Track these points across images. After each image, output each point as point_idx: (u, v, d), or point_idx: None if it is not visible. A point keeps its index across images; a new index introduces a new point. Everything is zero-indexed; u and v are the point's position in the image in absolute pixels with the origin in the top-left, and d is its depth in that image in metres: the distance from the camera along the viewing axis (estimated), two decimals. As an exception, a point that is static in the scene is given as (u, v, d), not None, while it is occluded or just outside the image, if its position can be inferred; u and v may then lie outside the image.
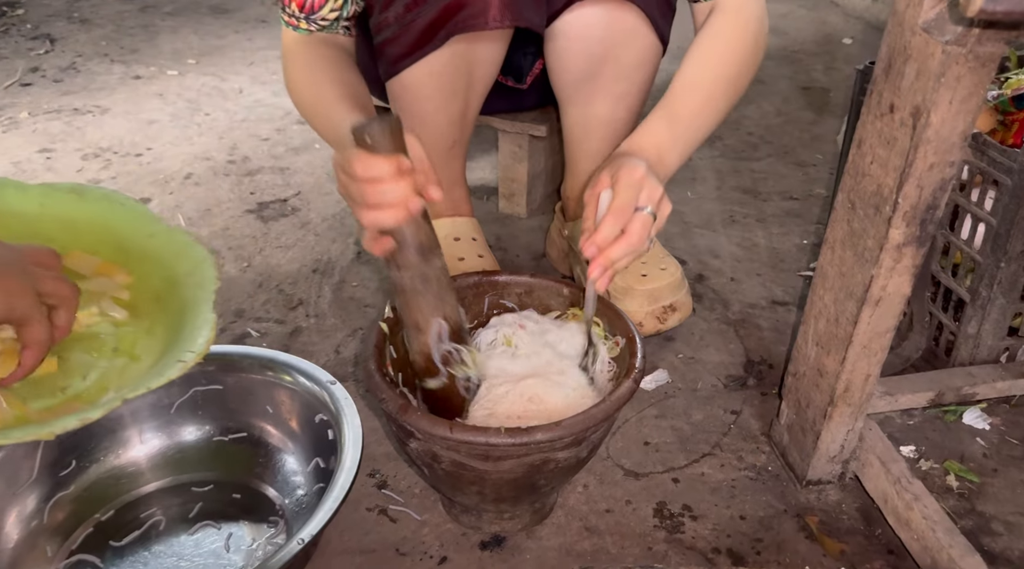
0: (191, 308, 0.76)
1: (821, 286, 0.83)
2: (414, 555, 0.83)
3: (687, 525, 0.87)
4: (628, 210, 0.76)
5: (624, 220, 0.76)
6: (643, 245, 0.78)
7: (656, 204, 0.78)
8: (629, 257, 0.77)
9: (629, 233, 0.76)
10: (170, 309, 0.78)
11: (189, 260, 0.80)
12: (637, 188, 0.77)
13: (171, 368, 0.68)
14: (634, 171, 0.78)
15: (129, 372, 0.74)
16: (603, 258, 0.76)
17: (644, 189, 0.77)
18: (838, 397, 0.83)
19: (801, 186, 1.58)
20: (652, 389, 1.06)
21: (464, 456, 0.73)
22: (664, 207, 0.80)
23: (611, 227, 0.76)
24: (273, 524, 0.85)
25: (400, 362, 0.84)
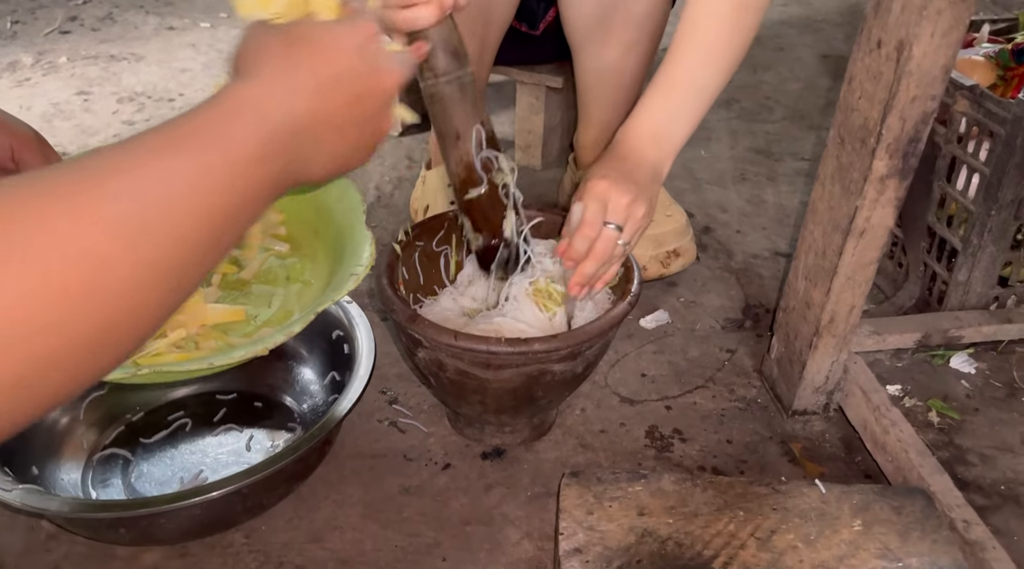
0: (347, 231, 0.83)
1: (811, 221, 0.87)
2: (420, 461, 0.89)
3: (676, 446, 0.93)
4: (595, 225, 0.77)
5: (592, 234, 0.78)
6: (612, 258, 0.79)
7: (622, 215, 0.78)
8: (605, 269, 0.80)
9: (594, 251, 0.78)
10: (327, 236, 0.86)
11: (335, 188, 0.86)
12: (601, 202, 0.78)
13: (347, 282, 0.75)
14: (596, 184, 0.78)
15: (305, 295, 0.83)
16: (579, 276, 0.79)
17: (610, 201, 0.78)
18: (823, 328, 0.88)
19: (813, 148, 1.61)
20: (652, 328, 1.11)
21: (467, 364, 0.79)
22: (634, 214, 0.79)
23: (580, 242, 0.78)
24: (291, 430, 0.92)
25: (412, 284, 0.90)
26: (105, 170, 0.37)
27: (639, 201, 0.79)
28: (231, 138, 0.42)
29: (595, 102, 1.20)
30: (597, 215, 0.77)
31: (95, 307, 0.34)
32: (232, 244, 0.43)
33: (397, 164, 1.49)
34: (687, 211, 1.36)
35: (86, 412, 0.90)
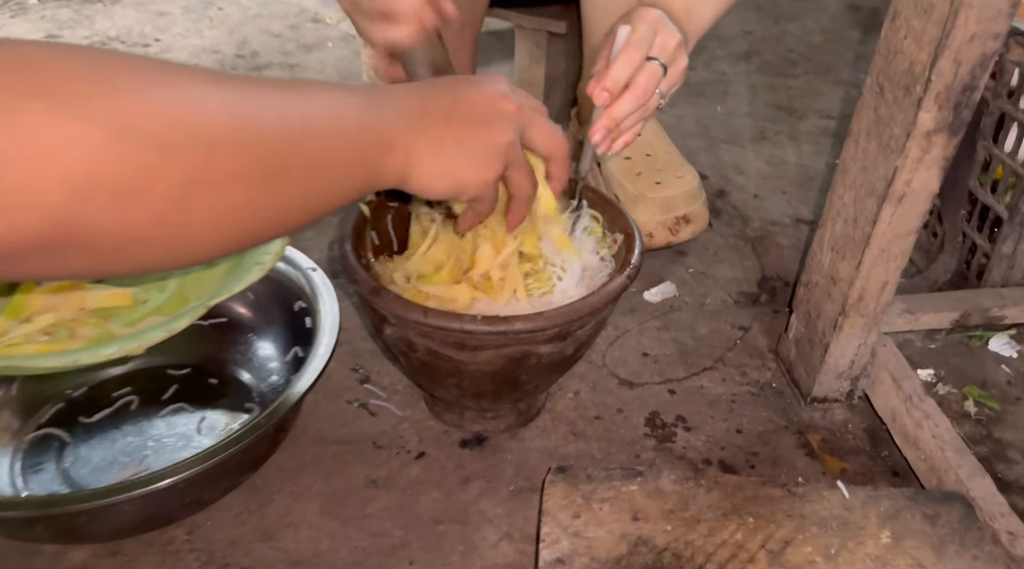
0: None
1: (841, 184, 0.76)
2: (391, 448, 0.80)
3: (679, 435, 0.82)
4: (642, 51, 0.69)
5: (637, 60, 0.69)
6: (650, 100, 0.71)
7: (669, 54, 0.71)
8: (636, 117, 0.71)
9: (635, 85, 0.69)
10: None
11: None
12: (653, 29, 0.70)
13: (250, 272, 0.66)
14: (649, 12, 0.71)
15: (206, 280, 0.72)
16: (608, 117, 0.70)
17: (659, 33, 0.70)
18: (850, 306, 0.77)
19: (840, 105, 1.48)
20: (657, 302, 1.00)
21: (439, 344, 0.68)
22: (678, 60, 0.72)
23: (623, 67, 0.69)
24: (248, 410, 0.82)
25: (382, 248, 0.80)
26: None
27: (683, 49, 0.72)
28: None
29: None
30: (646, 40, 0.69)
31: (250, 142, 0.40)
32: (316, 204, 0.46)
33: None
34: (700, 173, 1.24)
35: (20, 387, 0.81)
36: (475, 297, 0.72)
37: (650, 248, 1.05)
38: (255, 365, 0.86)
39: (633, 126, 0.73)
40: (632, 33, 0.70)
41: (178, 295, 0.71)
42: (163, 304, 0.70)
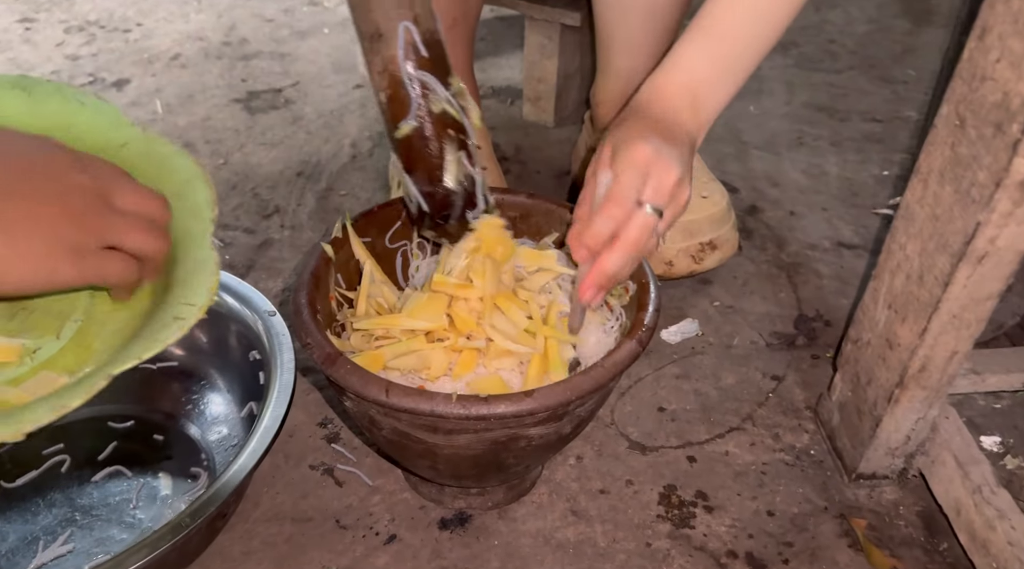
0: (183, 242, 0.56)
1: (903, 231, 0.62)
2: (357, 529, 0.68)
3: (699, 518, 0.70)
4: (626, 203, 0.57)
5: (620, 215, 0.57)
6: (644, 252, 0.59)
7: (665, 196, 0.58)
8: (630, 266, 0.59)
9: (623, 240, 0.57)
10: None
11: (175, 177, 0.59)
12: (640, 174, 0.57)
13: (167, 329, 0.50)
14: (637, 151, 0.58)
15: (113, 322, 0.56)
16: (597, 273, 0.58)
17: (651, 177, 0.57)
18: (910, 377, 0.63)
19: (887, 106, 1.33)
20: (677, 342, 0.87)
21: (407, 426, 0.56)
22: (678, 197, 0.59)
23: (604, 223, 0.58)
24: (195, 477, 0.70)
25: (351, 289, 0.67)
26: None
27: (684, 182, 0.60)
28: None
29: (618, 45, 0.94)
30: (632, 189, 0.57)
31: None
32: None
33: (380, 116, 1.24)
34: (729, 184, 1.11)
35: (-66, 444, 0.70)
36: (452, 361, 0.60)
37: (669, 277, 0.92)
38: (206, 419, 0.74)
39: (627, 273, 0.61)
40: (615, 183, 0.58)
41: (77, 343, 0.55)
42: (58, 355, 0.54)
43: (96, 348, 0.54)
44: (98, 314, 0.56)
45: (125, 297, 0.53)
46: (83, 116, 0.60)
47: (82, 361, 0.53)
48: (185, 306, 0.51)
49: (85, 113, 0.60)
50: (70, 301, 0.56)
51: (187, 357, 0.77)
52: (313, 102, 1.26)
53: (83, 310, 0.56)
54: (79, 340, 0.54)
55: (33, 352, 0.54)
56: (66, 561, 0.64)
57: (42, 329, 0.55)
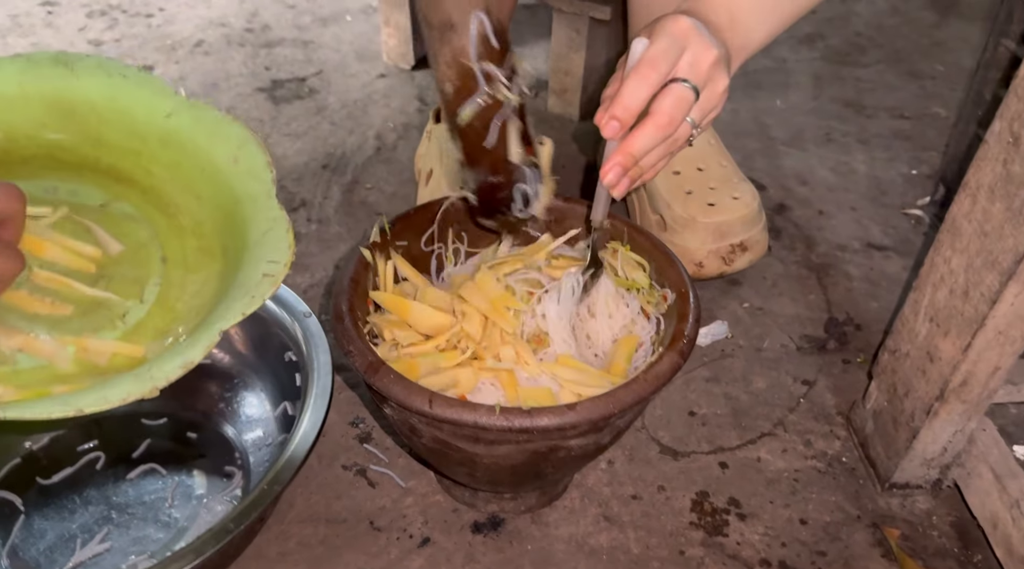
0: (248, 203, 0.58)
1: (949, 245, 0.61)
2: (391, 531, 0.68)
3: (732, 525, 0.70)
4: (662, 67, 0.53)
5: (655, 78, 0.53)
6: (676, 131, 0.55)
7: (703, 74, 0.54)
8: (660, 152, 0.55)
9: (656, 113, 0.53)
10: (215, 205, 0.61)
11: (228, 143, 0.60)
12: (679, 43, 0.53)
13: (260, 286, 0.52)
14: (677, 21, 0.54)
15: (191, 284, 0.58)
16: (622, 152, 0.54)
17: (688, 48, 0.54)
18: (951, 391, 0.63)
19: (915, 102, 1.32)
20: (707, 344, 0.87)
21: (448, 435, 0.56)
22: (716, 80, 0.55)
23: (636, 87, 0.52)
24: (229, 476, 0.71)
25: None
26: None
27: (722, 68, 0.55)
28: None
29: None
30: (669, 54, 0.53)
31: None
32: None
33: (406, 105, 1.24)
34: (758, 182, 1.10)
35: (-31, 439, 0.70)
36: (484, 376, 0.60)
37: (698, 278, 0.92)
38: (241, 419, 0.74)
39: (657, 163, 0.58)
40: (650, 47, 0.54)
41: (160, 306, 0.57)
42: (146, 318, 0.56)
43: (179, 310, 0.56)
44: (174, 277, 0.58)
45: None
46: (126, 88, 0.60)
47: (169, 322, 0.55)
48: (270, 263, 0.53)
49: (128, 85, 0.60)
50: (145, 266, 0.58)
51: (222, 356, 0.77)
52: (337, 91, 1.25)
53: (159, 274, 0.58)
54: (162, 303, 0.57)
55: (123, 316, 0.55)
56: (104, 560, 0.65)
57: (125, 294, 0.57)
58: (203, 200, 0.60)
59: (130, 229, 0.60)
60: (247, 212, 0.57)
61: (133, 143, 0.60)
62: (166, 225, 0.60)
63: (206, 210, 0.60)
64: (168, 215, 0.60)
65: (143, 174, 0.60)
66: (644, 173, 0.57)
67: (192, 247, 0.59)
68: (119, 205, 0.60)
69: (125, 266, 0.58)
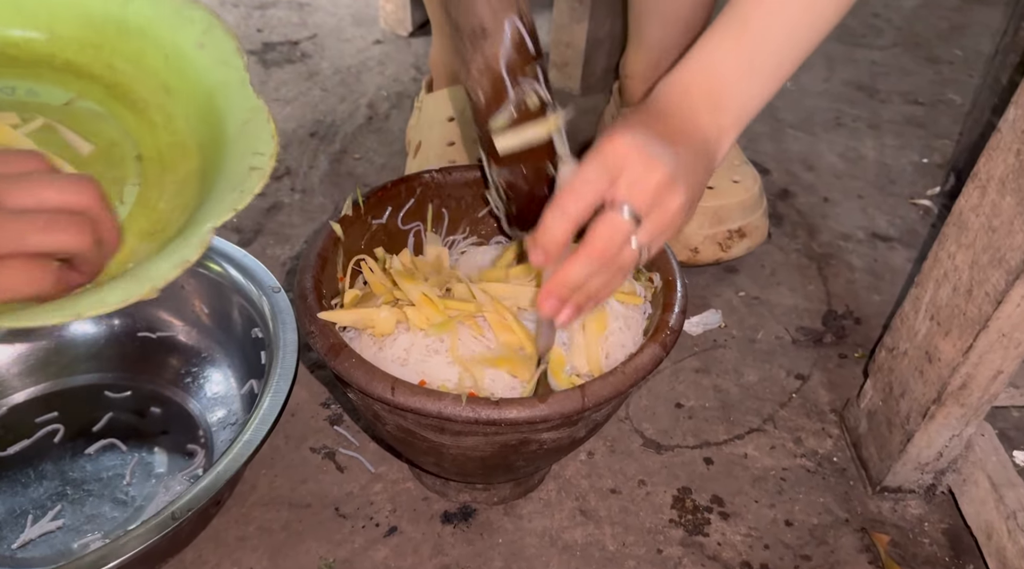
0: (220, 93, 0.54)
1: (954, 239, 0.58)
2: (357, 519, 0.65)
3: (714, 525, 0.67)
4: (585, 195, 0.48)
5: (575, 210, 0.48)
6: (619, 257, 0.49)
7: (646, 198, 0.48)
8: (604, 279, 0.50)
9: (587, 243, 0.48)
10: (186, 96, 0.56)
11: (192, 28, 0.55)
12: (610, 168, 0.48)
13: (249, 180, 0.48)
14: (611, 143, 0.48)
15: (170, 183, 0.54)
16: (556, 282, 0.49)
17: (626, 170, 0.47)
18: (949, 394, 0.59)
19: (930, 88, 1.27)
20: (698, 334, 0.83)
21: (412, 424, 0.53)
22: (665, 202, 0.48)
23: (554, 219, 0.48)
24: (191, 454, 0.68)
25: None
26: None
27: (675, 185, 0.48)
28: None
29: (652, 14, 0.88)
30: (594, 182, 0.48)
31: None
32: None
33: (401, 74, 1.19)
34: (761, 165, 1.06)
35: (-78, 409, 0.68)
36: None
37: (693, 264, 0.88)
38: (205, 395, 0.72)
39: (603, 288, 0.51)
40: (576, 173, 0.48)
41: (142, 206, 0.53)
42: (129, 219, 0.52)
43: (162, 209, 0.52)
44: (151, 176, 0.54)
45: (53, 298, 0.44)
46: None
47: (155, 222, 0.52)
48: (255, 155, 0.49)
49: None
50: (121, 166, 0.54)
51: (188, 329, 0.74)
52: (330, 57, 1.21)
53: (136, 174, 0.54)
54: (143, 203, 0.52)
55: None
56: (55, 537, 0.62)
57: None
58: (172, 92, 0.55)
59: (99, 128, 0.55)
60: (220, 103, 0.53)
61: (89, 35, 0.56)
62: (136, 122, 0.56)
63: (177, 103, 0.56)
64: (136, 111, 0.56)
65: (104, 69, 0.56)
66: (593, 297, 0.51)
67: (166, 143, 0.55)
68: (84, 103, 0.56)
69: (99, 166, 0.54)
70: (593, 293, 0.51)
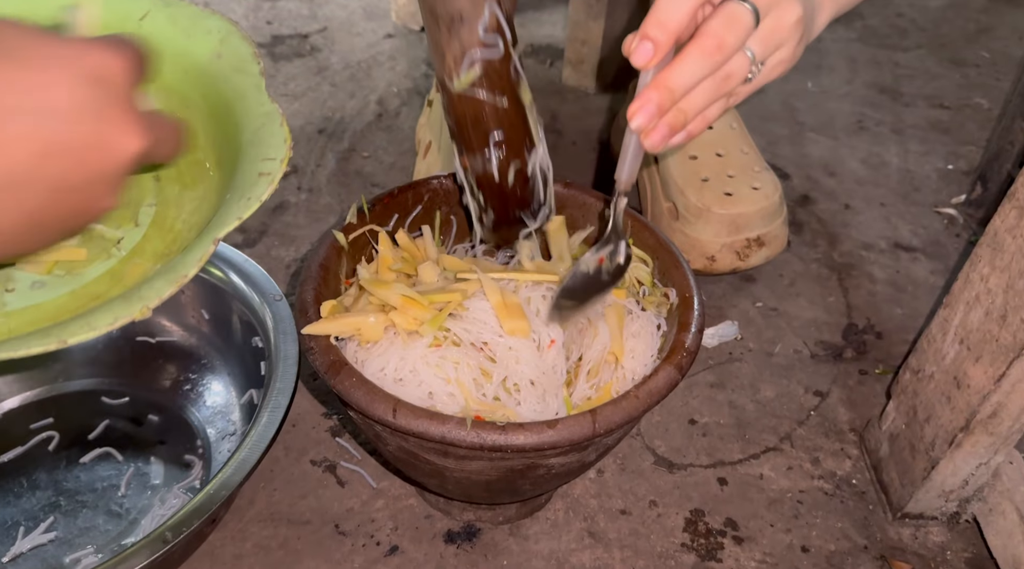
0: (237, 102, 0.52)
1: (988, 261, 0.55)
2: (357, 537, 0.63)
3: (727, 549, 0.64)
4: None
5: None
6: (730, 63, 0.43)
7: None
8: (708, 92, 0.44)
9: (701, 34, 0.42)
10: (206, 109, 0.55)
11: (209, 38, 0.54)
12: None
13: (257, 187, 0.47)
14: None
15: (188, 201, 0.53)
16: (657, 85, 0.43)
17: None
18: (978, 422, 0.57)
19: (956, 92, 1.23)
20: (714, 346, 0.81)
21: (415, 447, 0.51)
22: (784, 7, 0.44)
23: (678, 4, 0.42)
24: (188, 465, 0.66)
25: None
26: None
27: (801, 18, 0.44)
28: None
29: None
30: None
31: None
32: None
33: (412, 69, 1.17)
34: (781, 170, 1.03)
35: (-86, 413, 0.66)
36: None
37: (710, 273, 0.85)
38: (204, 404, 0.69)
39: (704, 108, 0.45)
40: None
41: (158, 228, 0.53)
42: (143, 241, 0.52)
43: (179, 229, 0.51)
44: (170, 197, 0.53)
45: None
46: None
47: (170, 244, 0.51)
48: (266, 161, 0.48)
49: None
50: (138, 188, 0.53)
51: (187, 335, 0.72)
52: (340, 51, 1.18)
53: (153, 194, 0.53)
54: (159, 224, 0.52)
55: (117, 242, 0.51)
56: (46, 551, 0.60)
57: (118, 220, 0.52)
58: (191, 107, 0.54)
59: None
60: (237, 112, 0.52)
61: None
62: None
63: (196, 118, 0.54)
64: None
65: None
66: (688, 120, 0.45)
67: (186, 162, 0.54)
68: None
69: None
70: (691, 112, 0.44)
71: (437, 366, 0.52)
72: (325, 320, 0.53)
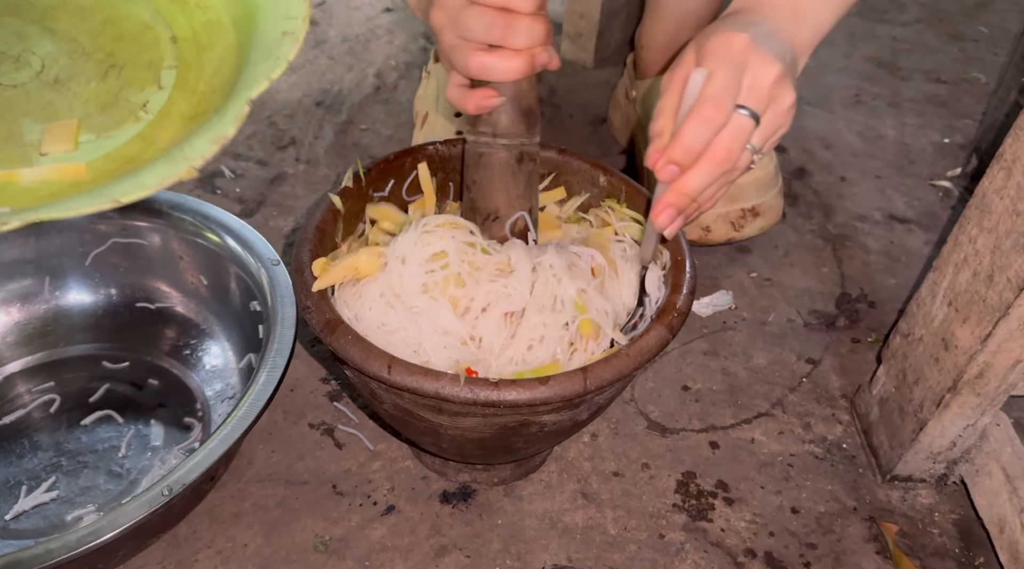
0: None
1: (976, 222, 0.55)
2: (354, 497, 0.64)
3: (718, 510, 0.65)
4: (725, 105, 0.48)
5: (719, 119, 0.48)
6: (735, 169, 0.50)
7: (764, 96, 0.48)
8: (717, 187, 0.51)
9: (713, 150, 0.48)
10: None
11: None
12: (738, 68, 0.48)
13: (282, 46, 0.47)
14: (732, 41, 0.48)
15: (208, 63, 0.53)
16: (677, 192, 0.49)
17: (748, 69, 0.48)
18: (965, 383, 0.57)
19: (953, 66, 1.23)
20: (707, 315, 0.82)
21: (409, 403, 0.51)
22: (779, 99, 0.49)
23: (699, 130, 0.48)
24: (188, 428, 0.67)
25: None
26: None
27: (787, 83, 0.49)
28: None
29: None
30: (731, 85, 0.48)
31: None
32: None
33: (410, 43, 1.17)
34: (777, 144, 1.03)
35: (-83, 377, 0.67)
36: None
37: (705, 244, 0.86)
38: (203, 368, 0.70)
39: (714, 196, 0.52)
40: (710, 82, 0.48)
41: (181, 89, 0.53)
42: (168, 103, 0.52)
43: (203, 90, 0.52)
44: (189, 57, 0.53)
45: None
46: None
47: (195, 105, 0.51)
48: (288, 20, 0.49)
49: None
50: (155, 49, 0.54)
51: (186, 300, 0.72)
52: (338, 24, 1.19)
53: (171, 55, 0.53)
54: (181, 86, 0.52)
55: (144, 105, 0.51)
56: (48, 509, 0.61)
57: (140, 83, 0.52)
58: None
59: (129, 10, 0.55)
60: None
61: None
62: (168, 2, 0.55)
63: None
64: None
65: None
66: (701, 207, 0.52)
67: (200, 22, 0.54)
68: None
69: (133, 50, 0.53)
70: (704, 201, 0.51)
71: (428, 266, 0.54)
72: (325, 274, 0.54)
